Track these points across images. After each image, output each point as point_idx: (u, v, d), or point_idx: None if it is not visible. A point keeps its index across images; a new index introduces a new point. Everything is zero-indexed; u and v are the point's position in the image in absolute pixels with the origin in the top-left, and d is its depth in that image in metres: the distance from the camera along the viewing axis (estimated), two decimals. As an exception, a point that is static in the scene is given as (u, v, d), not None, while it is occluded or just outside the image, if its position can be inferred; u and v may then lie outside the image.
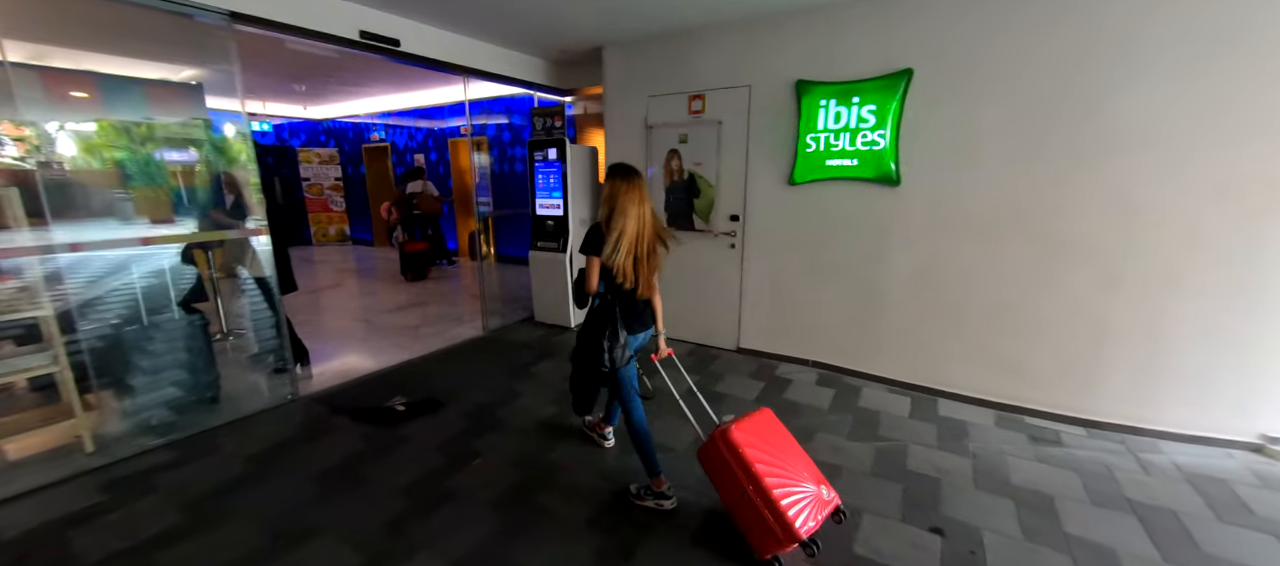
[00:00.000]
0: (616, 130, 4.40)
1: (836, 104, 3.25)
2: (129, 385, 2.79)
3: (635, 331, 2.17)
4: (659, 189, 4.20)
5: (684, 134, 3.99)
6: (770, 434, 1.99)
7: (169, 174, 7.39)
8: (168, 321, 2.90)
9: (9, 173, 2.97)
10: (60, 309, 2.52)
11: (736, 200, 3.86)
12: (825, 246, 3.57)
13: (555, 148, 4.36)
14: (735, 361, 3.95)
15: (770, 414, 2.10)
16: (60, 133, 5.14)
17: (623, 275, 2.05)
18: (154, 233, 2.78)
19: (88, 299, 2.72)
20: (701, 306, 4.21)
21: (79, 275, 2.73)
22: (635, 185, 2.07)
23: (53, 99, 4.90)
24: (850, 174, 3.31)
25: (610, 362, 2.06)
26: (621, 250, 2.02)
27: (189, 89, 7.03)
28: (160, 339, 2.86)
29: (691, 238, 4.13)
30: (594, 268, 2.08)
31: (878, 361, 3.52)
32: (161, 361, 2.87)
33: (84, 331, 2.63)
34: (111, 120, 5.01)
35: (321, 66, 6.52)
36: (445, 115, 8.44)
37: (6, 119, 3.51)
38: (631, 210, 2.03)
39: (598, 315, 2.12)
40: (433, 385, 3.47)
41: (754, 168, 3.74)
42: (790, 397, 3.32)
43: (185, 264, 3.28)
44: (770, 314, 3.91)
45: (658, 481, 2.20)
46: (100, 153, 6.41)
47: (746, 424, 1.95)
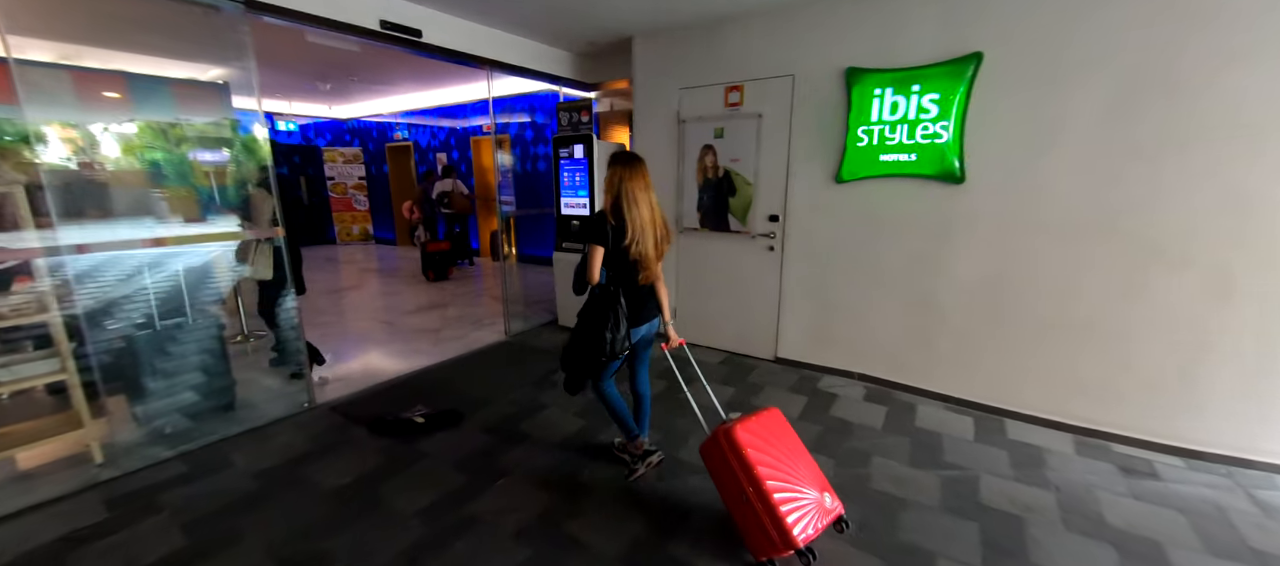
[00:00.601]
0: (646, 125, 4.16)
1: (893, 93, 2.95)
2: (141, 392, 2.66)
3: (639, 323, 2.15)
4: (691, 187, 3.95)
5: (720, 128, 3.73)
6: (776, 435, 1.93)
7: (201, 174, 7.45)
8: (181, 326, 2.78)
9: (55, 173, 2.89)
10: (69, 312, 2.41)
11: (776, 199, 3.59)
12: (876, 250, 3.26)
13: (582, 144, 4.14)
14: (774, 372, 3.67)
15: (778, 414, 2.03)
16: (104, 134, 5.22)
17: (646, 262, 2.05)
18: (165, 233, 2.65)
19: (102, 302, 2.60)
20: (737, 312, 3.94)
21: (104, 276, 2.62)
22: (641, 171, 2.05)
23: (84, 99, 4.89)
24: (907, 170, 3.01)
25: (611, 353, 2.03)
26: (648, 238, 2.03)
27: (215, 88, 7.06)
28: (174, 344, 2.74)
29: (727, 239, 3.86)
30: (597, 257, 2.03)
31: (935, 376, 3.21)
32: (175, 368, 2.74)
33: (95, 336, 2.51)
34: (148, 121, 5.02)
35: (344, 63, 6.45)
36: (468, 114, 8.33)
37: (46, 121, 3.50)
38: (641, 196, 2.02)
39: (600, 303, 2.06)
40: (453, 394, 3.28)
41: (796, 164, 3.46)
42: (839, 415, 3.04)
43: (240, 264, 3.14)
44: (812, 322, 3.62)
45: (637, 444, 2.35)
46: (140, 153, 6.45)
47: (752, 423, 1.90)
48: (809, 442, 2.72)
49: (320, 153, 9.97)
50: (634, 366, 2.38)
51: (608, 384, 2.29)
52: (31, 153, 2.88)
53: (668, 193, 4.10)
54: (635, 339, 2.19)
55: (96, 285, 2.61)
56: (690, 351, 2.49)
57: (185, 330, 2.76)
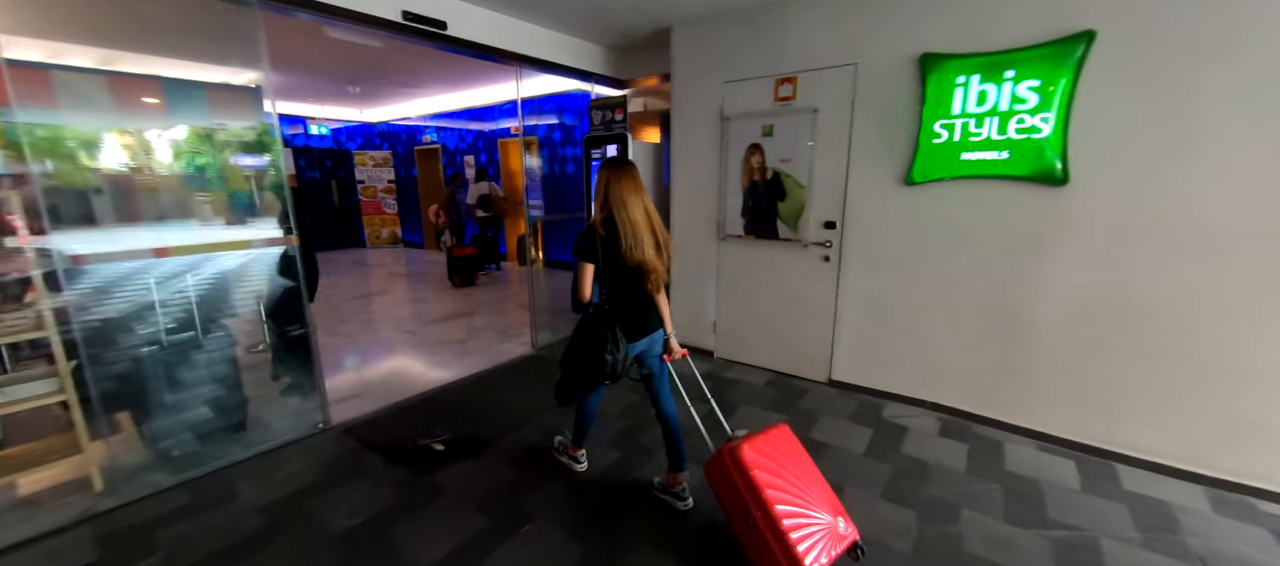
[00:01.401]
0: (684, 123, 3.83)
1: (981, 81, 2.54)
2: (147, 413, 2.48)
3: (637, 338, 2.02)
4: (735, 190, 3.60)
5: (768, 125, 3.37)
6: (786, 455, 1.81)
7: (242, 178, 7.42)
8: (190, 341, 2.59)
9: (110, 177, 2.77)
10: (69, 326, 2.23)
11: (833, 203, 3.20)
12: (953, 261, 2.84)
13: (615, 144, 3.84)
14: (828, 397, 3.28)
15: (787, 431, 1.91)
16: (159, 139, 5.20)
17: (649, 267, 1.92)
18: (172, 242, 2.48)
19: (112, 315, 2.43)
20: (785, 329, 3.56)
21: (117, 288, 2.45)
22: (629, 174, 1.94)
23: (122, 105, 4.87)
24: (995, 170, 2.59)
25: (613, 375, 1.93)
26: (645, 241, 1.90)
27: (248, 92, 7.08)
28: (183, 361, 2.55)
29: (775, 248, 3.49)
30: (587, 275, 1.93)
31: (1025, 409, 2.77)
32: (185, 386, 2.56)
33: (100, 353, 2.34)
34: (195, 127, 4.98)
35: (372, 64, 6.34)
36: (495, 116, 8.17)
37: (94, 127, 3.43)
38: (632, 198, 1.90)
39: (595, 323, 1.96)
40: (477, 415, 3.02)
41: (858, 164, 3.07)
42: (912, 453, 2.63)
43: (282, 276, 2.94)
44: (874, 342, 3.21)
45: (576, 448, 2.42)
46: (189, 158, 6.42)
47: (761, 441, 1.79)
48: (881, 486, 2.34)
49: (351, 156, 10.01)
50: (653, 388, 2.19)
51: (594, 399, 2.29)
52: (91, 158, 2.84)
53: (708, 197, 3.76)
54: (636, 353, 2.07)
55: (104, 297, 2.44)
56: (693, 364, 2.33)
57: (195, 346, 2.58)
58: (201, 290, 2.68)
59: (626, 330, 1.96)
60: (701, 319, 4.00)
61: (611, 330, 1.91)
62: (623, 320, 1.96)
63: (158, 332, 2.47)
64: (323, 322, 5.04)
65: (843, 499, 2.24)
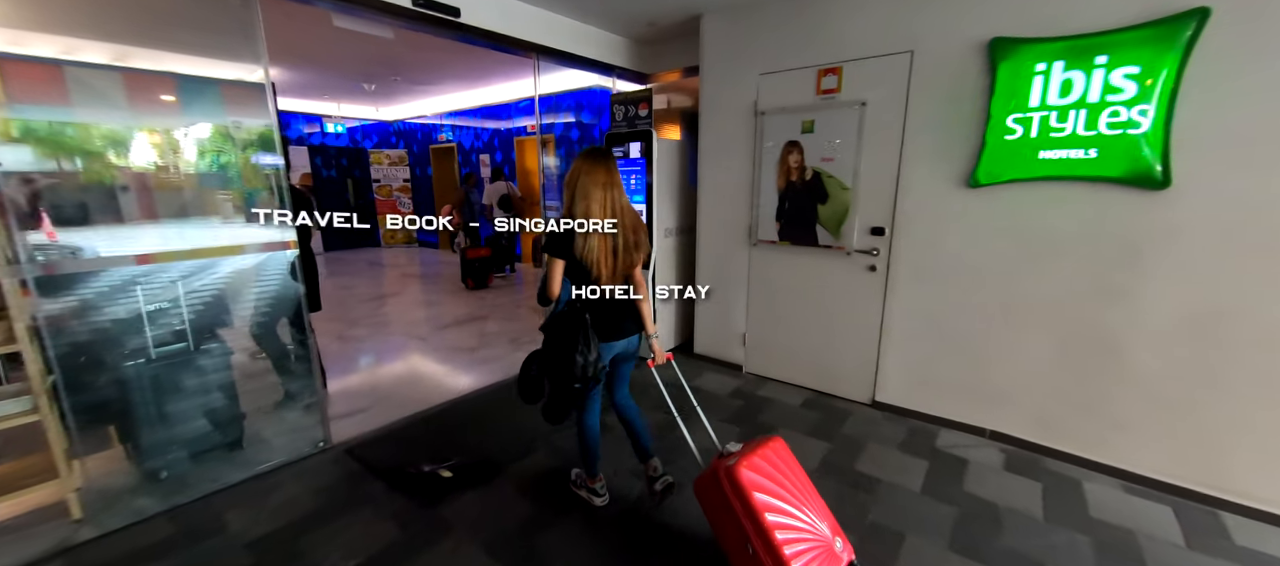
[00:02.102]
0: (714, 119, 3.55)
1: (1066, 69, 2.21)
2: (132, 431, 2.29)
3: (612, 338, 1.91)
4: (769, 192, 3.30)
5: (809, 120, 3.07)
6: (783, 473, 1.67)
7: (261, 177, 7.29)
8: (183, 353, 2.39)
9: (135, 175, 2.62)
10: (53, 339, 2.04)
11: (882, 207, 2.89)
12: (1024, 272, 2.52)
13: (639, 141, 3.57)
14: (873, 421, 2.97)
15: (782, 445, 1.76)
16: (185, 138, 5.12)
17: (598, 268, 1.81)
18: (157, 248, 2.29)
19: (95, 325, 2.24)
20: (824, 344, 3.26)
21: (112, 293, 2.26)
22: (599, 165, 1.83)
23: (136, 102, 4.74)
24: (1080, 171, 2.26)
25: (583, 378, 1.79)
26: (593, 245, 1.78)
27: (260, 89, 6.97)
28: (176, 374, 2.35)
29: (813, 255, 3.19)
30: (556, 270, 1.81)
31: (1108, 444, 2.43)
32: (178, 401, 2.36)
33: (82, 366, 2.14)
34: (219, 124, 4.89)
35: (386, 59, 6.17)
36: (511, 114, 7.97)
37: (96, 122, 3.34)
38: (595, 191, 1.80)
39: (564, 322, 1.83)
40: (488, 435, 2.78)
41: (912, 164, 2.76)
42: (977, 491, 2.32)
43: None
44: (926, 361, 2.90)
45: (595, 479, 2.17)
46: (212, 156, 6.34)
47: (757, 458, 1.64)
48: (947, 534, 2.03)
49: (367, 155, 9.91)
50: (612, 385, 2.14)
51: (591, 417, 2.08)
52: (121, 156, 2.72)
53: (739, 199, 3.47)
54: (611, 356, 1.96)
55: (92, 305, 2.25)
56: (678, 369, 2.25)
57: (187, 358, 2.37)
58: (198, 297, 2.48)
59: (600, 331, 1.86)
60: (729, 330, 3.71)
61: (583, 330, 1.79)
62: (597, 320, 1.84)
63: (145, 344, 2.26)
64: (332, 326, 4.87)
65: (903, 549, 1.95)
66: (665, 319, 3.96)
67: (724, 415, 3.05)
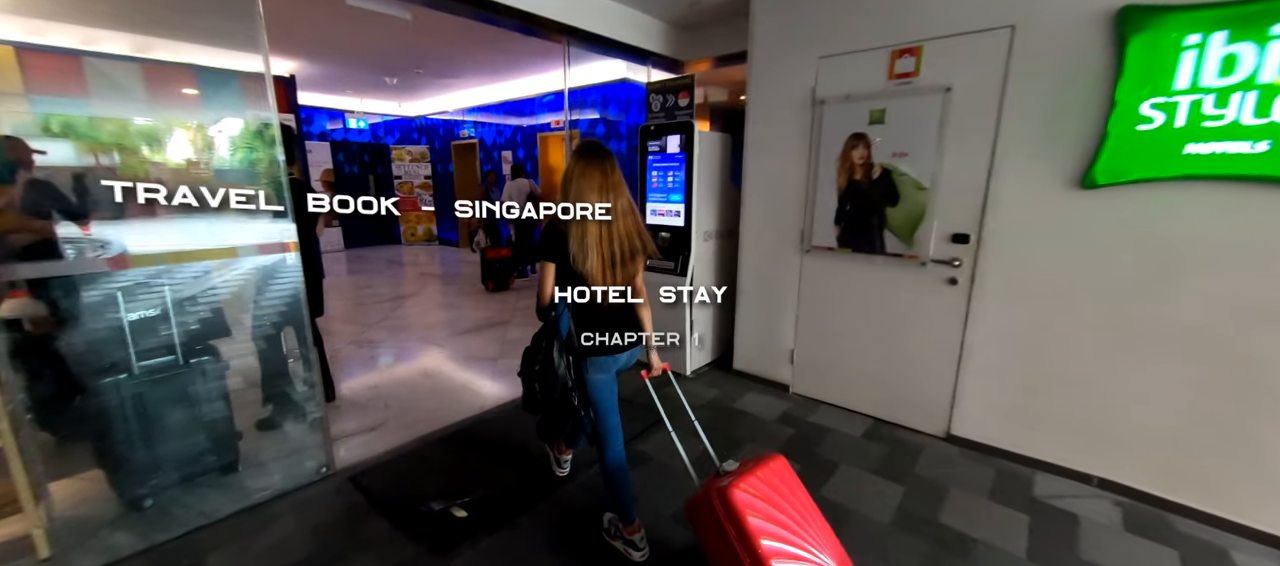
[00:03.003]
0: (764, 110, 3.16)
1: (1230, 40, 1.77)
2: (110, 456, 2.03)
3: (613, 353, 1.77)
4: (827, 192, 2.91)
5: (878, 109, 2.67)
6: (782, 493, 1.53)
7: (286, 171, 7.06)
8: (170, 367, 2.13)
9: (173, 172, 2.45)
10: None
11: (967, 210, 2.47)
12: (1153, 292, 2.08)
13: (679, 134, 3.21)
14: (950, 459, 2.56)
15: (784, 464, 1.63)
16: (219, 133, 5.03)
17: (594, 281, 1.68)
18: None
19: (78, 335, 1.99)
20: (889, 366, 2.85)
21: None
22: (595, 167, 1.66)
23: (155, 96, 4.57)
24: (1242, 169, 1.82)
25: (563, 390, 1.69)
26: (590, 253, 1.65)
27: (281, 82, 6.82)
28: (163, 390, 2.09)
29: (878, 265, 2.79)
30: (548, 275, 1.71)
31: (1261, 502, 1.98)
32: (163, 422, 2.09)
33: (47, 382, 1.89)
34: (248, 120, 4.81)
35: (407, 48, 5.94)
36: (535, 109, 7.70)
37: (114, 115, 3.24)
38: (590, 197, 1.64)
39: (554, 329, 1.69)
40: (506, 463, 2.46)
41: (1007, 160, 2.34)
42: (1096, 559, 1.89)
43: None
44: (1018, 391, 2.47)
45: (631, 528, 1.88)
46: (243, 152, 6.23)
47: (754, 479, 1.51)
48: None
49: (389, 151, 9.77)
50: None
51: (614, 450, 1.84)
52: (157, 151, 2.61)
53: (790, 200, 3.08)
54: (614, 372, 1.84)
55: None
56: (674, 379, 2.09)
57: (175, 373, 2.11)
58: (188, 306, 2.21)
59: (606, 343, 1.74)
60: (774, 346, 3.32)
61: (561, 342, 1.68)
62: (602, 329, 1.73)
63: (128, 357, 2.00)
64: (348, 329, 4.64)
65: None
66: (702, 327, 3.59)
67: (772, 445, 2.67)
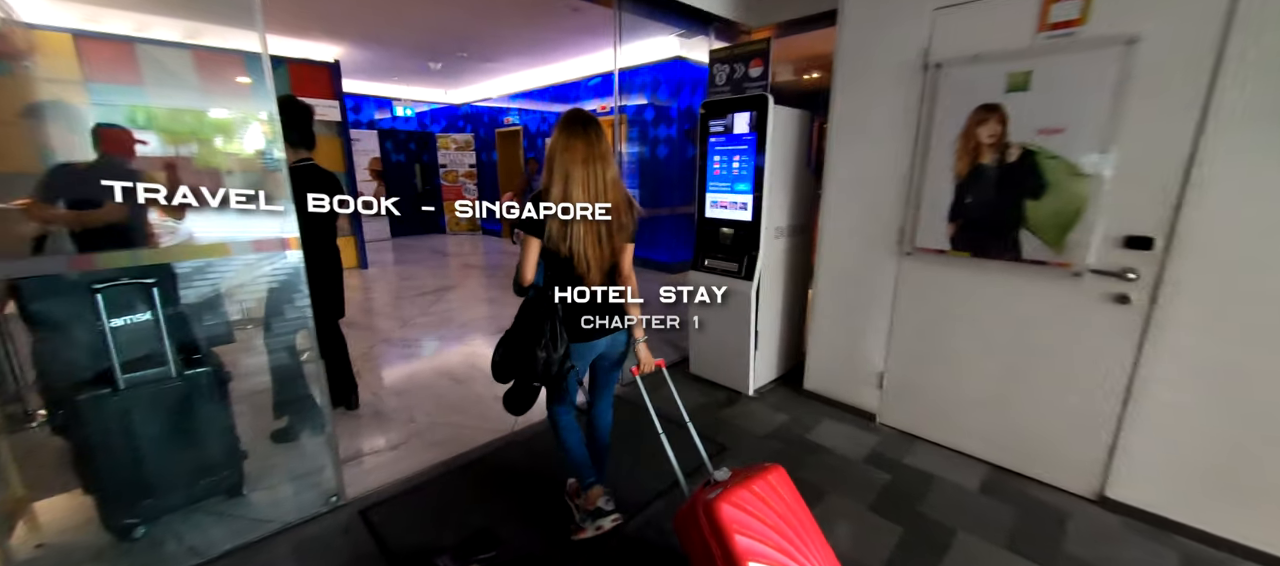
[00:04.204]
0: (854, 80, 2.59)
1: None
2: (94, 478, 1.78)
3: (590, 337, 1.67)
4: (939, 180, 2.31)
5: (1021, 72, 2.04)
6: (778, 510, 1.39)
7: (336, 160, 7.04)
8: (162, 378, 1.86)
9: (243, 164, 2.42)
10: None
11: (1152, 205, 1.83)
12: None
13: (750, 111, 2.69)
14: (1110, 532, 1.94)
15: (783, 476, 1.48)
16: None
17: (583, 262, 1.59)
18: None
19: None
20: (1016, 400, 2.25)
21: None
22: (578, 137, 1.55)
23: (209, 83, 4.49)
24: None
25: (545, 372, 1.59)
26: (577, 233, 1.55)
27: (326, 69, 6.73)
28: (154, 404, 1.83)
29: (1011, 272, 2.18)
30: (531, 251, 1.59)
31: None
32: (156, 439, 1.83)
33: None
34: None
35: (453, 30, 5.67)
36: (579, 94, 7.32)
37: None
38: (576, 170, 1.53)
39: (531, 311, 1.62)
40: (543, 500, 2.06)
41: (1224, 134, 1.68)
42: None
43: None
44: (1217, 449, 1.82)
45: (589, 495, 1.81)
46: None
47: (745, 493, 1.38)
48: None
49: (434, 140, 9.70)
50: (594, 391, 1.92)
51: (563, 410, 1.82)
52: (233, 143, 2.65)
53: (885, 189, 2.51)
54: (591, 359, 1.76)
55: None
56: (669, 376, 1.85)
57: (168, 385, 1.83)
58: (180, 308, 1.93)
59: (575, 328, 1.65)
60: (858, 366, 2.77)
61: (551, 322, 1.60)
62: (579, 315, 1.64)
63: (112, 368, 1.73)
64: (384, 324, 4.44)
65: None
66: (768, 339, 3.08)
67: (861, 495, 2.15)
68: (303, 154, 2.51)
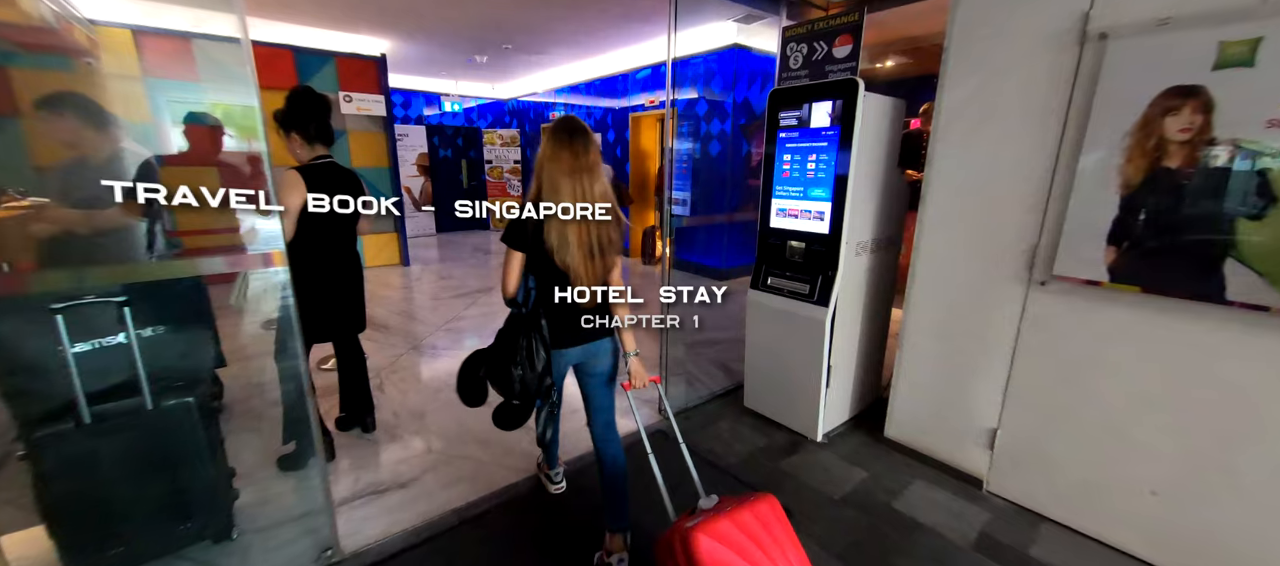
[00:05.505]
0: (973, 60, 2.04)
1: None
2: (57, 524, 1.55)
3: (567, 344, 1.59)
4: (1100, 189, 1.74)
5: (1240, 41, 1.46)
6: (763, 545, 1.29)
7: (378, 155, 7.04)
8: (136, 411, 1.62)
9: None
10: None
11: None
12: None
13: (834, 99, 2.19)
14: None
15: (775, 505, 1.38)
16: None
17: (577, 277, 1.52)
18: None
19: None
20: (1210, 495, 1.66)
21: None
22: (564, 148, 1.47)
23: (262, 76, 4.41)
24: None
25: (523, 391, 1.52)
26: (570, 243, 1.47)
27: (372, 63, 6.68)
28: (126, 441, 1.59)
29: (1204, 318, 1.59)
30: (514, 265, 1.53)
31: None
32: (129, 479, 1.59)
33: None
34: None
35: (496, 24, 5.43)
36: (626, 88, 6.93)
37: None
38: (562, 182, 1.46)
39: (511, 327, 1.54)
40: (572, 560, 1.69)
41: None
42: None
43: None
44: None
45: (608, 543, 1.70)
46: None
47: (726, 523, 1.28)
48: None
49: (480, 135, 9.61)
50: (588, 412, 1.72)
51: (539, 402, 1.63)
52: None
53: (1010, 200, 1.96)
54: (568, 366, 1.63)
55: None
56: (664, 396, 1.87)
57: (142, 419, 1.58)
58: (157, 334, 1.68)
59: (554, 334, 1.54)
60: (959, 416, 2.22)
61: (527, 338, 1.50)
62: (551, 322, 1.54)
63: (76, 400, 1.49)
64: (416, 328, 4.23)
65: None
66: (843, 373, 2.58)
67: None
68: (320, 151, 2.23)
